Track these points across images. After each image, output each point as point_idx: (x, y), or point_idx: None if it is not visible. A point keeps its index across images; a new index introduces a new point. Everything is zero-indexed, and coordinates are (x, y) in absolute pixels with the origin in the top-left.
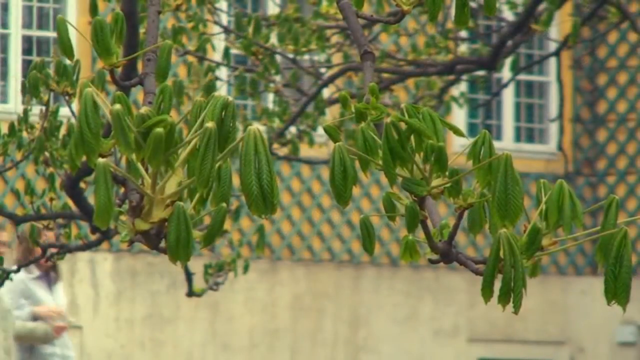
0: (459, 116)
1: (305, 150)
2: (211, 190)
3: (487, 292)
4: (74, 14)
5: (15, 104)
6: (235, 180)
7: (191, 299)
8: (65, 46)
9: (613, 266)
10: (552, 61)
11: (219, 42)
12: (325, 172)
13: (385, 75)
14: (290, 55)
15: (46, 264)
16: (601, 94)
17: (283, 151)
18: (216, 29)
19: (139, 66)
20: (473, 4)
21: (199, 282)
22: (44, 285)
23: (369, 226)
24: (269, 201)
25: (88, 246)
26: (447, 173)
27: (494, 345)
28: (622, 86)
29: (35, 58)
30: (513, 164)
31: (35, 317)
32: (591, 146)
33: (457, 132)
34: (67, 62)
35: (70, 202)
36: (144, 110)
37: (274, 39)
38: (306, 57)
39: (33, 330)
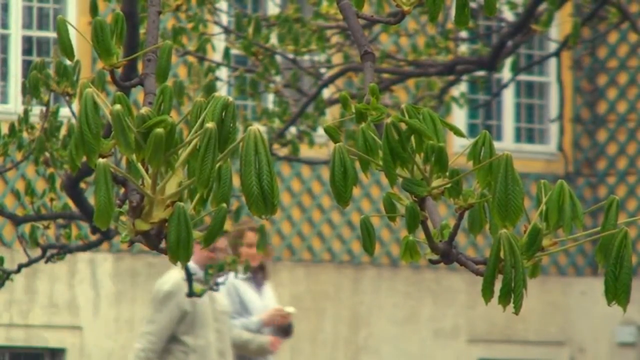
0: (459, 117)
1: (305, 151)
2: (211, 190)
3: (487, 293)
4: (74, 15)
5: (15, 104)
6: (236, 181)
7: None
8: (65, 46)
9: (613, 267)
10: (552, 61)
11: (219, 42)
12: (325, 173)
13: (385, 75)
14: (291, 56)
15: (255, 263)
16: (601, 94)
17: (283, 152)
18: (216, 29)
19: (139, 66)
20: (473, 5)
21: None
22: (252, 286)
23: (369, 226)
24: (269, 201)
25: (88, 246)
26: (447, 173)
27: (494, 345)
28: (622, 86)
29: (35, 58)
30: (513, 164)
31: (261, 324)
32: (591, 146)
33: (458, 132)
34: (68, 62)
35: (71, 203)
36: (144, 110)
37: (274, 40)
38: (306, 57)
39: (248, 342)
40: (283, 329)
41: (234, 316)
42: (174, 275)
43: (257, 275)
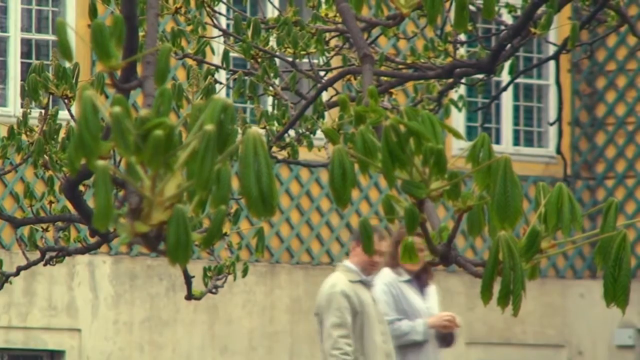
0: (457, 119)
1: (304, 154)
2: (210, 192)
3: (486, 295)
4: (73, 17)
5: (14, 107)
6: (235, 183)
7: (190, 302)
8: (64, 49)
9: (612, 269)
10: (551, 64)
11: (218, 45)
12: (324, 175)
13: (384, 78)
14: (289, 59)
15: (415, 267)
16: (600, 97)
17: (282, 154)
18: (215, 32)
19: (139, 69)
20: (472, 8)
21: (198, 285)
22: (414, 288)
23: (368, 229)
24: (268, 203)
25: (87, 249)
26: (446, 176)
27: (492, 348)
28: (621, 89)
29: (34, 61)
30: (512, 167)
31: (427, 327)
32: (590, 149)
33: (456, 135)
34: (67, 65)
35: (70, 205)
36: (143, 113)
37: (273, 42)
38: (305, 60)
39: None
40: (444, 337)
41: (400, 317)
42: (339, 277)
43: (421, 277)
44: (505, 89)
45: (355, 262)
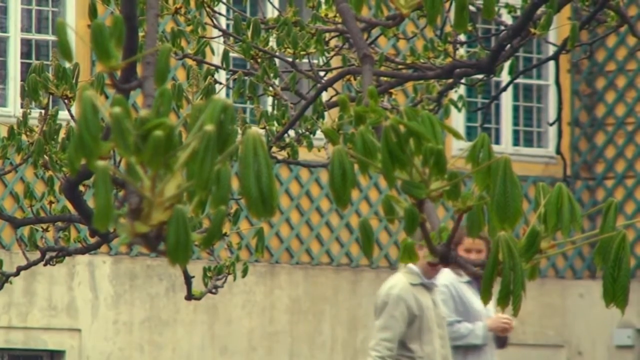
0: (457, 120)
1: (304, 154)
2: (210, 193)
3: (486, 295)
4: (73, 18)
5: (14, 107)
6: (235, 184)
7: (190, 302)
8: (64, 49)
9: (611, 269)
10: (551, 65)
11: (218, 45)
12: (324, 176)
13: (384, 78)
14: (289, 59)
15: (469, 270)
16: (600, 97)
17: (282, 154)
18: (215, 32)
19: (139, 69)
20: (472, 8)
21: (197, 285)
22: (474, 289)
23: (368, 229)
24: (268, 204)
25: (87, 249)
26: (446, 176)
27: None
28: (620, 90)
29: (34, 61)
30: (512, 167)
31: (487, 329)
32: (590, 150)
33: (456, 135)
34: (67, 65)
35: (70, 205)
36: (143, 113)
37: (272, 43)
38: (305, 60)
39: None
40: (499, 338)
41: (459, 319)
42: (400, 279)
43: (479, 279)
44: (504, 89)
45: (417, 264)
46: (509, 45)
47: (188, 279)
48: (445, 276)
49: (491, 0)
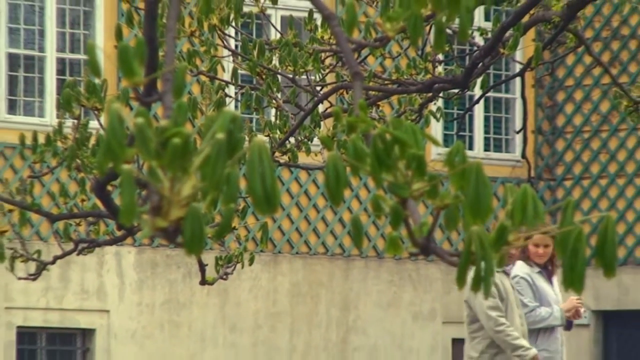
0: (436, 128)
1: (302, 158)
2: (221, 192)
3: (461, 281)
4: (102, 39)
5: (50, 117)
6: (242, 184)
7: (204, 286)
8: (94, 67)
9: (570, 259)
10: (517, 80)
11: (228, 63)
12: (320, 177)
13: (372, 92)
14: (290, 75)
15: (542, 260)
16: (560, 109)
17: (283, 159)
18: (225, 52)
19: (159, 85)
20: (448, 31)
21: (210, 272)
22: (544, 278)
23: (358, 224)
24: (272, 202)
25: (114, 241)
26: (426, 178)
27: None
28: (578, 102)
29: (68, 78)
30: (483, 170)
31: (563, 312)
32: (551, 154)
33: (435, 142)
34: (96, 81)
35: (99, 203)
36: (163, 123)
37: (275, 61)
38: (304, 76)
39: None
40: (569, 321)
41: (538, 305)
42: None
43: (547, 268)
44: (477, 101)
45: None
46: (481, 64)
47: (202, 267)
48: (521, 268)
49: (465, 24)
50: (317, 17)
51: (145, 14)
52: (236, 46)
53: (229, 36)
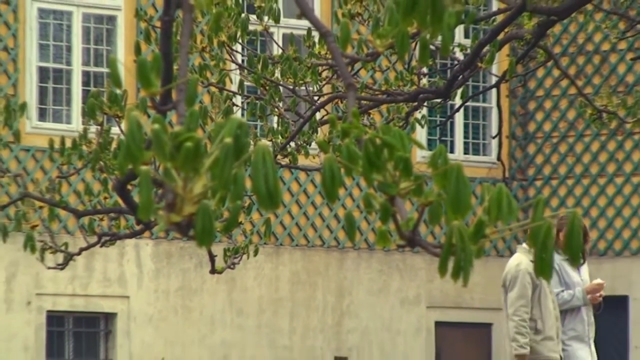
0: (421, 134)
1: (302, 160)
2: (229, 191)
3: (442, 270)
4: (122, 54)
5: (77, 124)
6: (248, 184)
7: (213, 275)
8: (116, 79)
9: (540, 250)
10: (493, 91)
11: (235, 76)
12: (317, 177)
13: (364, 102)
14: (290, 86)
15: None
16: (531, 116)
17: (285, 161)
18: (233, 66)
19: (173, 95)
20: (432, 47)
21: (219, 262)
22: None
23: (351, 219)
24: (274, 199)
25: (134, 234)
26: (412, 178)
27: (447, 311)
28: (547, 110)
29: (92, 88)
30: (463, 171)
31: (585, 293)
32: (523, 157)
33: (420, 146)
34: (117, 91)
35: (120, 200)
36: (177, 129)
37: (277, 74)
38: (303, 88)
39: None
40: (596, 304)
41: (562, 289)
42: (522, 258)
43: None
44: (457, 110)
45: (527, 244)
46: (461, 76)
47: (212, 257)
48: None
49: (447, 41)
50: (315, 34)
51: (161, 31)
52: (243, 60)
53: (236, 52)
